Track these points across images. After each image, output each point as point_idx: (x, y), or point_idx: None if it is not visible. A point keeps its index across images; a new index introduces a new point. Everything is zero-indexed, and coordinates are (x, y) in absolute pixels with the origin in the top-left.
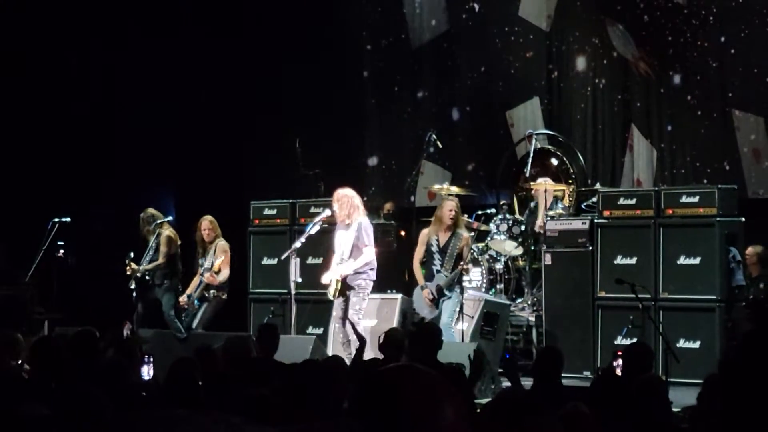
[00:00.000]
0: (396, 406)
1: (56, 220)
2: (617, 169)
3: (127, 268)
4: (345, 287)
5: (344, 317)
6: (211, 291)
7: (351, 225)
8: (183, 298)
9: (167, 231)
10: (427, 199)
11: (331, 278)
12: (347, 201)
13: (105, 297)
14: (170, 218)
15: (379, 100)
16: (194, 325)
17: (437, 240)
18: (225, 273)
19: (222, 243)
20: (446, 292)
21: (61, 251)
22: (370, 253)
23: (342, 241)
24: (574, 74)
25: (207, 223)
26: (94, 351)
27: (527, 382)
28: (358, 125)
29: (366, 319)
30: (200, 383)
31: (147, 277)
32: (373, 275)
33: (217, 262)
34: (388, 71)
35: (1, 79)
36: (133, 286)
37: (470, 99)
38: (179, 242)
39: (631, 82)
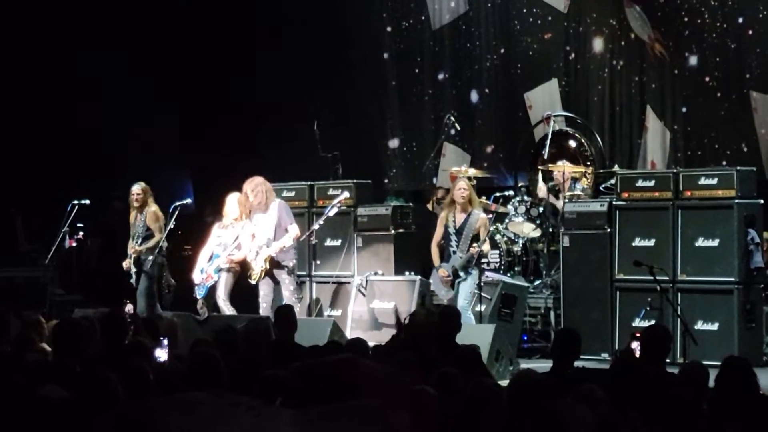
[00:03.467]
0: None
1: (76, 202)
2: (634, 150)
3: (130, 249)
4: (272, 269)
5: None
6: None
7: (269, 208)
8: (196, 274)
9: (153, 206)
10: (449, 181)
11: (257, 262)
12: (261, 188)
13: (123, 278)
14: (189, 201)
15: (400, 82)
16: (220, 299)
17: (453, 221)
18: (245, 251)
19: (249, 224)
20: (461, 274)
21: (81, 233)
22: (296, 229)
23: (264, 225)
24: (591, 56)
25: (242, 198)
26: (121, 333)
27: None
28: (377, 107)
29: (384, 301)
30: (220, 365)
31: (142, 258)
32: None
33: (243, 237)
34: (408, 53)
35: (24, 59)
36: (134, 269)
37: (489, 81)
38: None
39: (647, 63)
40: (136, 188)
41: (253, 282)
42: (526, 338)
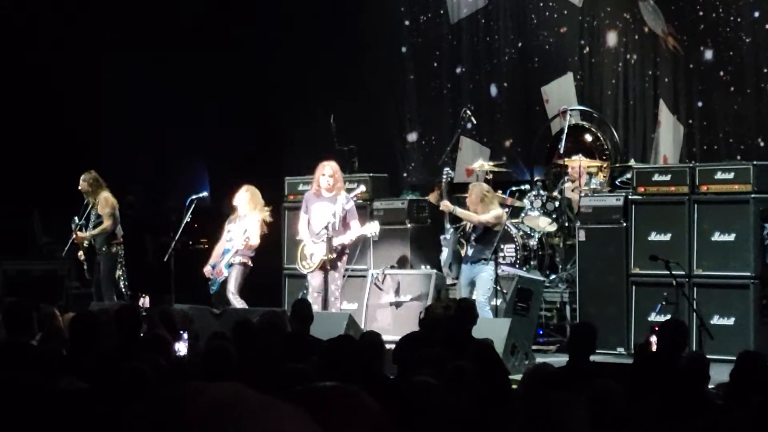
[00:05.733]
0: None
1: None
2: (647, 145)
3: (74, 235)
4: (328, 262)
5: (326, 292)
6: (237, 257)
7: (337, 198)
8: (207, 269)
9: (105, 193)
10: (465, 175)
11: (318, 250)
12: (339, 175)
13: (139, 272)
14: (205, 194)
15: (418, 76)
16: (230, 293)
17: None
18: (255, 240)
19: (259, 215)
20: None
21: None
22: (359, 226)
23: (323, 214)
24: (605, 50)
25: (251, 191)
26: (136, 325)
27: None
28: (395, 101)
29: (400, 294)
30: (236, 358)
31: (97, 247)
32: None
33: (250, 228)
34: (426, 47)
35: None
36: (83, 257)
37: (507, 75)
38: (117, 205)
39: (661, 57)
40: (81, 179)
41: (306, 272)
42: (541, 332)
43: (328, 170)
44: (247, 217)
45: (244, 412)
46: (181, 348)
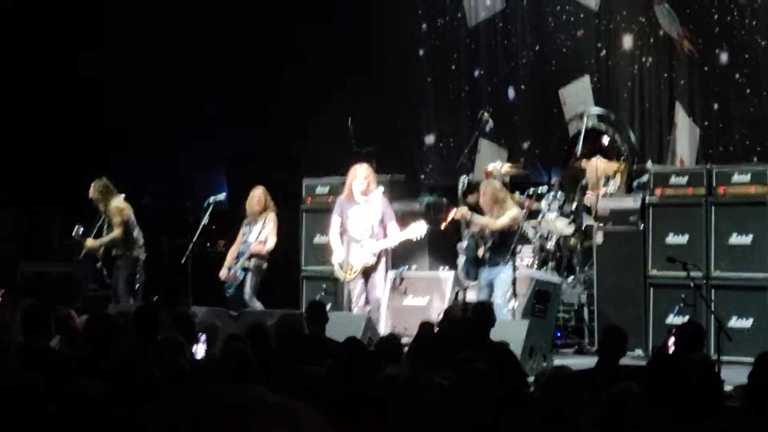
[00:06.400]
0: None
1: None
2: (663, 147)
3: (83, 245)
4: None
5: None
6: (253, 260)
7: (371, 200)
8: (223, 272)
9: (115, 201)
10: (484, 177)
11: (359, 256)
12: (373, 177)
13: (156, 274)
14: (223, 196)
15: (436, 79)
16: (246, 295)
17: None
18: (271, 243)
19: (272, 215)
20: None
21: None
22: (396, 226)
23: (360, 217)
24: (621, 53)
25: (260, 192)
26: (154, 327)
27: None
28: (413, 104)
29: (418, 297)
30: (253, 361)
31: (114, 253)
32: None
33: (265, 231)
34: (444, 50)
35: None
36: (99, 265)
37: (525, 77)
38: (130, 211)
39: (676, 60)
40: (91, 186)
41: (345, 279)
42: (559, 334)
43: (361, 173)
44: (261, 219)
45: (267, 416)
46: (199, 350)
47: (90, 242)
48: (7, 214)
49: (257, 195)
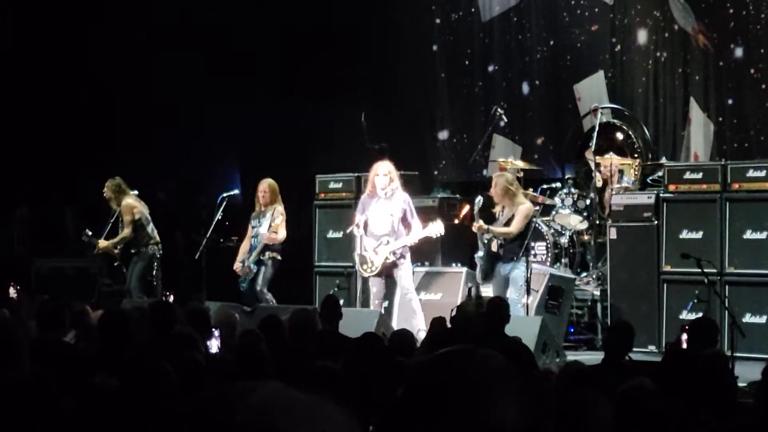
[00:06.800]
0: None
1: None
2: (678, 143)
3: (96, 247)
4: (389, 264)
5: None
6: (267, 253)
7: (392, 197)
8: (237, 265)
9: (128, 199)
10: (499, 171)
11: (379, 254)
12: (395, 174)
13: (170, 269)
14: (236, 191)
15: (449, 74)
16: (258, 287)
17: (501, 212)
18: (282, 234)
19: (280, 207)
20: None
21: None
22: (420, 225)
23: (381, 214)
24: (635, 47)
25: (266, 185)
26: (171, 323)
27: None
28: (426, 99)
29: (431, 293)
30: (268, 357)
31: (132, 250)
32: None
33: (275, 223)
34: (457, 45)
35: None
36: (117, 263)
37: (540, 72)
38: (143, 208)
39: (691, 55)
40: (105, 186)
41: (368, 275)
42: (572, 330)
43: (382, 169)
44: (269, 212)
45: (297, 415)
46: (213, 346)
47: (102, 243)
48: (21, 211)
49: (261, 188)
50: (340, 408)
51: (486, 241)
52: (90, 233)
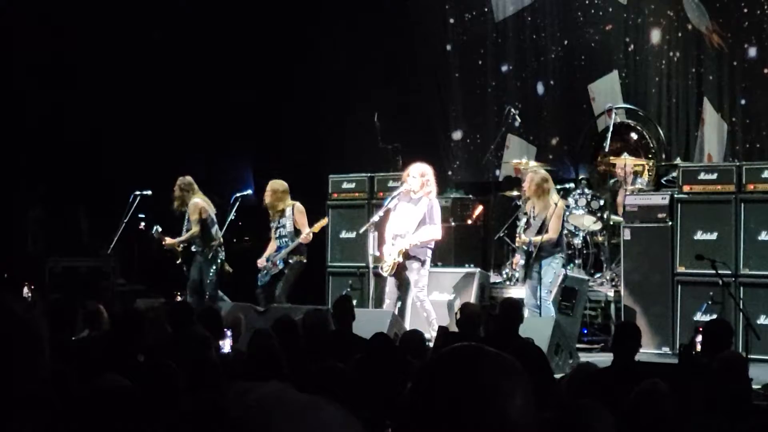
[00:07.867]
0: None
1: (138, 193)
2: (691, 143)
3: (163, 243)
4: (404, 263)
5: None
6: (294, 257)
7: (420, 201)
8: (261, 261)
9: (195, 198)
10: (514, 173)
11: (391, 253)
12: (430, 178)
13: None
14: (250, 192)
15: (463, 74)
16: (277, 292)
17: (533, 209)
18: (308, 229)
19: (298, 205)
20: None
21: (143, 224)
22: (439, 230)
23: (406, 216)
24: (649, 47)
25: (268, 187)
26: (189, 323)
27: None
28: (440, 99)
29: (444, 293)
30: (280, 357)
31: (194, 249)
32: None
33: (299, 221)
34: (471, 45)
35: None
36: (179, 261)
37: (554, 72)
38: (210, 209)
39: (705, 55)
40: (176, 184)
41: (385, 275)
42: (586, 331)
43: (413, 170)
44: (287, 211)
45: (292, 414)
46: (225, 346)
47: (169, 240)
48: (35, 210)
49: (267, 190)
50: (342, 408)
51: (525, 247)
52: (160, 229)
